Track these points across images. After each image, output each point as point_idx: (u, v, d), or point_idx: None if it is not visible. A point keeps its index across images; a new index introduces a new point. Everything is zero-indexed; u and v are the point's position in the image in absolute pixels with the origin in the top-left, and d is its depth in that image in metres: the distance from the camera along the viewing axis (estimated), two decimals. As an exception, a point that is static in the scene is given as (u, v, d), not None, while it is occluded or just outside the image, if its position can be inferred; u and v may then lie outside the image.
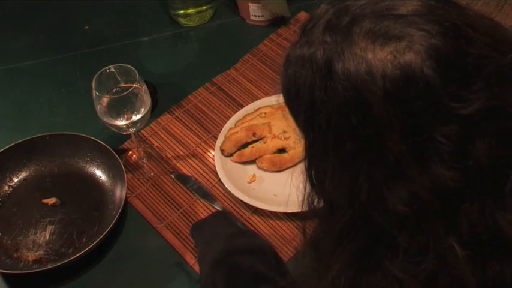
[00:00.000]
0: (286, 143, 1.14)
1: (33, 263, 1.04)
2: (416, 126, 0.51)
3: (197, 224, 1.06)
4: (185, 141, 1.21)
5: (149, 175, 1.16)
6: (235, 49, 1.36)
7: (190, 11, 1.39)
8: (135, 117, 1.06)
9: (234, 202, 1.12)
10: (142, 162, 1.18)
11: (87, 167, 1.16)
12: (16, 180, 1.15)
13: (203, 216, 1.09)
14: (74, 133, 1.16)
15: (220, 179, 1.13)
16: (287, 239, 1.06)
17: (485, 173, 0.53)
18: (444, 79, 0.51)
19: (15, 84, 1.34)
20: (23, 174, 1.15)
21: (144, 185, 1.15)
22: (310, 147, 0.59)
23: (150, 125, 1.23)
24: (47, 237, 1.08)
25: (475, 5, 1.19)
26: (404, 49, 0.51)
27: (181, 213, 1.11)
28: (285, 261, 1.01)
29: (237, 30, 1.41)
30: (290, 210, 1.05)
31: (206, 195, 1.12)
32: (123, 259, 1.07)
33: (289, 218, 1.09)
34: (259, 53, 1.34)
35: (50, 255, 1.05)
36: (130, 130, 1.08)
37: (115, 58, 1.30)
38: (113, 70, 1.07)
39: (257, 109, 1.20)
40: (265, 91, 1.27)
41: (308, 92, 0.55)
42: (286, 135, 1.14)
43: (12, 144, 1.15)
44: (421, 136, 0.52)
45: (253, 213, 1.10)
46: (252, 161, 1.15)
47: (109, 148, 1.13)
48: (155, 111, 1.24)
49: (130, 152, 1.20)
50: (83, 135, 1.15)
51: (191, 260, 1.05)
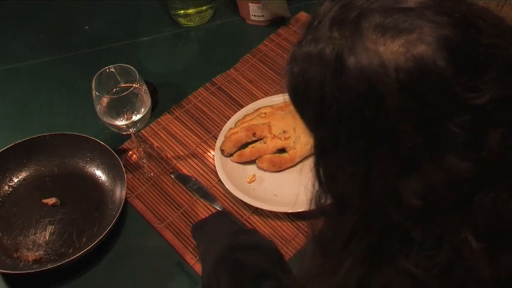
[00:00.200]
0: (286, 143, 1.14)
1: (33, 263, 1.04)
2: (430, 117, 0.51)
3: (198, 224, 1.06)
4: (185, 141, 1.21)
5: (149, 175, 1.16)
6: (235, 49, 1.36)
7: (190, 11, 1.39)
8: (135, 117, 1.06)
9: (234, 202, 1.12)
10: (142, 162, 1.18)
11: (87, 167, 1.16)
12: (16, 180, 1.15)
13: (203, 216, 1.09)
14: (74, 133, 1.16)
15: (220, 179, 1.13)
16: (287, 239, 1.06)
17: (499, 163, 0.53)
18: (456, 69, 0.51)
19: (15, 84, 1.34)
20: (23, 174, 1.15)
21: (144, 185, 1.15)
22: (319, 144, 0.59)
23: (150, 125, 1.23)
24: (47, 237, 1.08)
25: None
26: (416, 41, 0.51)
27: (182, 213, 1.11)
28: (285, 261, 1.01)
29: (237, 30, 1.41)
30: (290, 210, 1.06)
31: (206, 195, 1.12)
32: (123, 259, 1.07)
33: (289, 218, 1.09)
34: (259, 53, 1.34)
35: (50, 255, 1.05)
36: (131, 130, 1.08)
37: (115, 58, 1.30)
38: (113, 70, 1.06)
39: (257, 109, 1.20)
40: (265, 91, 1.27)
41: (318, 87, 0.55)
42: (286, 135, 1.14)
43: (12, 144, 1.15)
44: (435, 127, 0.51)
45: (253, 213, 1.10)
46: (252, 161, 1.15)
47: (109, 148, 1.13)
48: (155, 111, 1.24)
49: (130, 152, 1.20)
50: (83, 135, 1.15)
51: (191, 260, 1.05)
